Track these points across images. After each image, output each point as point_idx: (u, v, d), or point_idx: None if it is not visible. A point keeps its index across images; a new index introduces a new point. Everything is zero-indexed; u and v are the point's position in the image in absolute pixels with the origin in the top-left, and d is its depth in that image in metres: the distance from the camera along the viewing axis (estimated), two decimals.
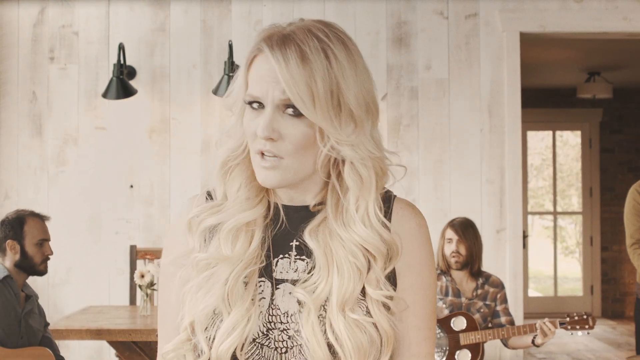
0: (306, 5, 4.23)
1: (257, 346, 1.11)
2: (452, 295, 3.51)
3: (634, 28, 4.22)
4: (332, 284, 1.09)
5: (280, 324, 1.11)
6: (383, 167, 1.14)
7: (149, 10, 4.25)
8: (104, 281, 4.18)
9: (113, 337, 3.15)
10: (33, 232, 3.12)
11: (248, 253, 1.12)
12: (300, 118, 1.07)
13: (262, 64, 1.09)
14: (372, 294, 1.10)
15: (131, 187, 4.21)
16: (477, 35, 4.24)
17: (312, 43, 1.07)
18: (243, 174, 1.16)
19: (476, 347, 3.47)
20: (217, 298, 1.10)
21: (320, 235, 1.12)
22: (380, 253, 1.10)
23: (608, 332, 7.20)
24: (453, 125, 4.23)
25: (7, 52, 4.25)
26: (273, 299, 1.13)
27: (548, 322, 3.37)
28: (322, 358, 1.08)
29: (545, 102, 8.07)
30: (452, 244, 3.55)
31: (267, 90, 1.07)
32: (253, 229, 1.14)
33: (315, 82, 1.05)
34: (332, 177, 1.13)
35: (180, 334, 1.14)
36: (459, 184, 4.22)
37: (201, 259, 1.13)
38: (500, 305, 3.56)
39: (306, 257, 1.13)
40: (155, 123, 4.22)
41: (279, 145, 1.08)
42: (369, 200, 1.11)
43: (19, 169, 4.22)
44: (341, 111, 1.08)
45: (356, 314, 1.08)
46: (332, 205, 1.13)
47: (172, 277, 1.18)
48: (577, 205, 8.83)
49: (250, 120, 1.10)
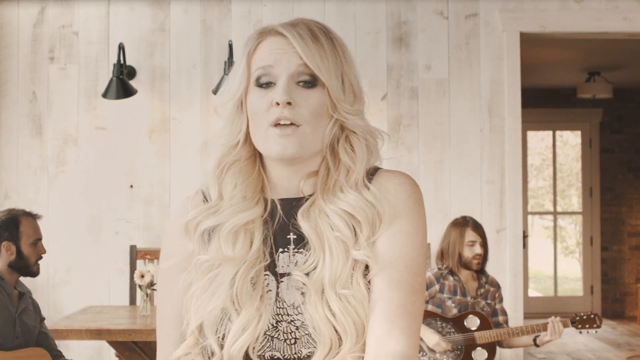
0: (306, 5, 4.23)
1: (268, 339, 1.13)
2: (460, 295, 3.52)
3: (634, 28, 4.22)
4: (326, 264, 1.11)
5: (288, 316, 1.13)
6: (375, 144, 1.20)
7: (149, 10, 4.25)
8: (104, 281, 4.18)
9: (113, 337, 3.15)
10: (28, 232, 3.10)
11: (252, 252, 1.13)
12: (312, 89, 1.14)
13: (270, 43, 1.15)
14: (355, 256, 1.11)
15: (131, 187, 4.21)
16: (477, 35, 4.24)
17: (318, 29, 1.16)
18: (238, 172, 1.17)
19: (492, 345, 3.48)
20: (224, 299, 1.11)
21: (311, 215, 1.14)
22: (366, 217, 1.12)
23: (608, 332, 7.20)
24: (453, 125, 4.23)
25: (7, 52, 4.25)
26: (278, 292, 1.14)
27: (560, 322, 3.39)
28: (328, 336, 1.09)
29: (545, 102, 8.07)
30: (476, 246, 3.50)
31: (282, 61, 1.13)
32: (252, 227, 1.15)
33: (326, 55, 1.14)
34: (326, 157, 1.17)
35: (187, 338, 1.14)
36: (459, 184, 4.22)
37: (204, 261, 1.14)
38: (498, 305, 3.59)
39: (303, 250, 1.15)
40: (155, 123, 4.22)
41: (296, 112, 1.12)
42: (359, 172, 1.16)
43: (19, 169, 4.22)
44: (344, 84, 1.16)
45: (347, 289, 1.10)
46: (322, 183, 1.16)
47: (173, 281, 1.18)
48: (577, 205, 8.82)
49: (260, 97, 1.14)
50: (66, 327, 3.17)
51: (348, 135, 1.17)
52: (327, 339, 1.09)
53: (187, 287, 1.15)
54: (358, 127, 1.17)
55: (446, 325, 3.48)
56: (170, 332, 1.20)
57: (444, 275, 3.53)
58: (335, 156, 1.17)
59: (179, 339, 1.18)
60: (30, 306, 3.10)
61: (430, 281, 3.52)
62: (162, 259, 1.23)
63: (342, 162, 1.16)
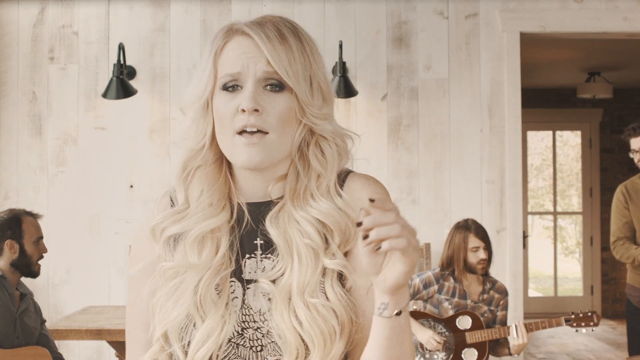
0: (306, 5, 4.23)
1: (233, 346, 1.11)
2: (459, 297, 3.51)
3: (634, 28, 4.22)
4: (294, 271, 1.09)
5: (254, 323, 1.11)
6: (345, 147, 1.17)
7: (149, 10, 4.25)
8: (104, 281, 4.18)
9: (113, 337, 3.15)
10: (30, 231, 3.13)
11: (217, 259, 1.11)
12: (280, 93, 1.11)
13: (236, 44, 1.12)
14: (328, 265, 1.09)
15: (131, 187, 4.21)
16: (477, 35, 4.24)
17: (286, 28, 1.14)
18: (204, 177, 1.15)
19: (482, 345, 3.48)
20: (188, 306, 1.09)
21: (280, 221, 1.12)
22: (338, 225, 1.11)
23: (608, 332, 7.20)
24: (453, 125, 4.23)
25: (7, 52, 4.25)
26: (244, 299, 1.12)
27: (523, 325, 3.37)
28: (294, 345, 1.07)
29: (545, 102, 8.07)
30: (480, 251, 3.48)
31: (248, 65, 1.10)
32: (219, 235, 1.13)
33: (294, 58, 1.11)
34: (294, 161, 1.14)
35: (153, 345, 1.13)
36: (459, 184, 4.22)
37: (168, 268, 1.12)
38: (500, 312, 3.56)
39: (271, 255, 1.13)
40: (155, 123, 4.22)
41: (263, 119, 1.09)
42: (330, 178, 1.13)
43: (18, 169, 4.22)
44: (312, 87, 1.13)
45: (315, 298, 1.08)
46: (291, 188, 1.14)
47: (140, 286, 1.17)
48: (577, 205, 8.82)
49: (226, 102, 1.11)
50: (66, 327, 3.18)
51: (318, 140, 1.14)
52: (294, 348, 1.07)
53: (152, 293, 1.14)
54: (327, 132, 1.14)
55: (438, 325, 3.48)
56: (138, 337, 1.19)
57: (444, 276, 3.52)
58: (304, 161, 1.14)
59: (147, 344, 1.17)
60: (31, 307, 3.11)
61: (429, 281, 3.52)
62: (130, 263, 1.21)
63: (313, 168, 1.13)
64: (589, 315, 3.49)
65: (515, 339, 3.34)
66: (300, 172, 1.14)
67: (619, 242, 3.74)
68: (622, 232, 3.74)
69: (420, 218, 4.20)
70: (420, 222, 4.19)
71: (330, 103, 1.16)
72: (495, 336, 3.46)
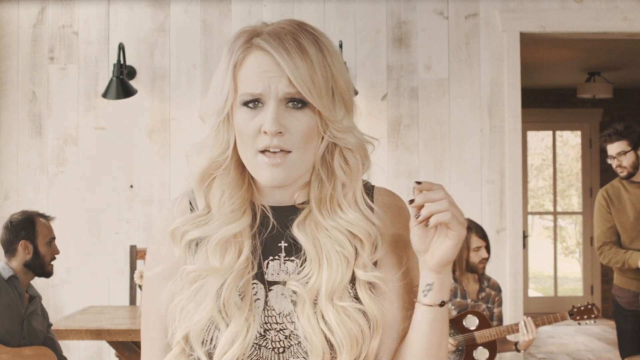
0: (306, 5, 4.23)
1: (255, 347, 1.11)
2: (460, 297, 3.52)
3: (634, 28, 4.22)
4: (322, 275, 1.09)
5: (277, 325, 1.11)
6: (367, 154, 1.16)
7: (149, 10, 4.25)
8: (104, 281, 4.18)
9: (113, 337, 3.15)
10: (44, 232, 3.17)
11: (239, 263, 1.11)
12: (302, 110, 1.09)
13: (257, 61, 1.09)
14: (361, 277, 1.11)
15: (131, 187, 4.21)
16: (477, 35, 4.24)
17: (305, 36, 1.09)
18: (226, 184, 1.14)
19: (492, 344, 3.49)
20: (211, 310, 1.09)
21: (307, 228, 1.12)
22: (368, 236, 1.12)
23: (608, 332, 7.20)
24: (453, 125, 4.23)
25: (7, 52, 4.25)
26: (267, 301, 1.12)
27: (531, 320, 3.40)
28: (320, 347, 1.07)
29: (545, 102, 8.07)
30: (481, 251, 3.51)
31: (270, 85, 1.08)
32: (241, 239, 1.13)
33: (316, 72, 1.08)
34: (317, 168, 1.14)
35: (173, 348, 1.13)
36: (459, 184, 4.22)
37: (190, 271, 1.11)
38: (496, 309, 3.58)
39: (295, 258, 1.13)
40: (155, 123, 4.22)
41: (286, 139, 1.08)
42: (357, 187, 1.14)
43: (19, 169, 4.22)
44: (334, 98, 1.11)
45: (344, 301, 1.09)
46: (315, 198, 1.13)
47: (159, 290, 1.16)
48: (577, 205, 8.82)
49: (248, 120, 1.09)
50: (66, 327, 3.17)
51: (342, 150, 1.14)
52: (320, 350, 1.07)
53: (172, 297, 1.13)
54: (351, 145, 1.13)
55: None
56: (155, 341, 1.18)
57: None
58: (328, 169, 1.14)
59: (165, 348, 1.16)
60: (39, 310, 3.13)
61: None
62: (147, 266, 1.20)
63: (337, 177, 1.13)
64: (589, 307, 3.54)
65: (525, 335, 3.37)
66: (324, 180, 1.14)
67: (606, 247, 3.77)
68: (607, 237, 3.77)
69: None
70: None
71: (352, 111, 1.14)
72: (504, 334, 3.47)
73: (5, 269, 3.05)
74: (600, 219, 3.80)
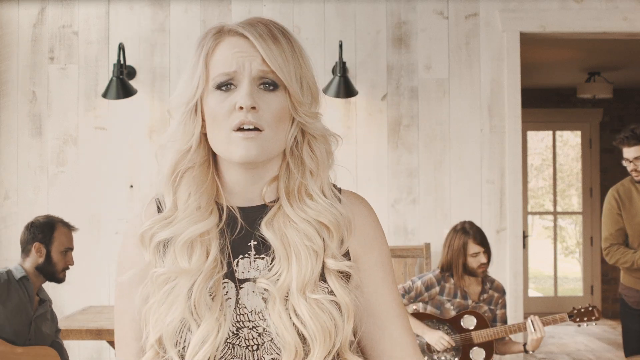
0: (306, 5, 4.23)
1: (229, 346, 1.12)
2: (460, 298, 3.51)
3: (634, 28, 4.22)
4: (292, 271, 1.11)
5: (249, 322, 1.12)
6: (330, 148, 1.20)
7: (149, 10, 4.25)
8: (104, 281, 4.18)
9: (113, 337, 3.15)
10: (61, 239, 3.15)
11: (208, 263, 1.12)
12: (274, 92, 1.13)
13: (230, 44, 1.13)
14: (332, 266, 1.13)
15: (131, 187, 4.21)
16: (477, 35, 4.24)
17: (275, 27, 1.14)
18: (192, 180, 1.15)
19: (489, 344, 3.48)
20: (182, 311, 1.10)
21: (275, 225, 1.14)
22: (337, 224, 1.14)
23: (608, 332, 7.20)
24: (453, 125, 4.23)
25: (7, 52, 4.25)
26: (238, 299, 1.13)
27: (538, 319, 3.40)
28: (293, 343, 1.09)
29: (545, 102, 8.07)
30: (480, 256, 3.50)
31: (244, 64, 1.12)
32: (208, 238, 1.14)
33: (286, 57, 1.12)
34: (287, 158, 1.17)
35: (147, 351, 1.14)
36: (459, 184, 4.22)
37: (160, 274, 1.12)
38: (500, 311, 3.57)
39: (265, 255, 1.14)
40: (155, 123, 4.22)
41: (259, 116, 1.11)
42: (324, 177, 1.17)
43: (19, 169, 4.22)
44: (302, 86, 1.15)
45: (316, 294, 1.11)
46: (285, 188, 1.16)
47: (131, 294, 1.17)
48: (577, 205, 8.83)
49: (221, 101, 1.12)
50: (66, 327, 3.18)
51: (309, 139, 1.17)
52: (292, 346, 1.09)
53: (144, 300, 1.14)
54: (317, 131, 1.17)
55: (442, 326, 3.47)
56: (130, 345, 1.19)
57: (445, 277, 3.52)
58: (296, 159, 1.17)
59: (139, 352, 1.17)
60: (48, 314, 3.12)
61: (430, 283, 3.52)
62: (119, 271, 1.21)
63: (306, 165, 1.16)
64: (590, 310, 3.52)
65: (532, 334, 3.36)
66: (293, 170, 1.16)
67: (613, 247, 3.75)
68: (615, 239, 3.75)
69: (420, 218, 4.20)
70: (420, 222, 4.19)
71: (318, 103, 1.19)
72: (501, 334, 3.46)
73: (18, 270, 3.04)
74: (610, 220, 3.76)
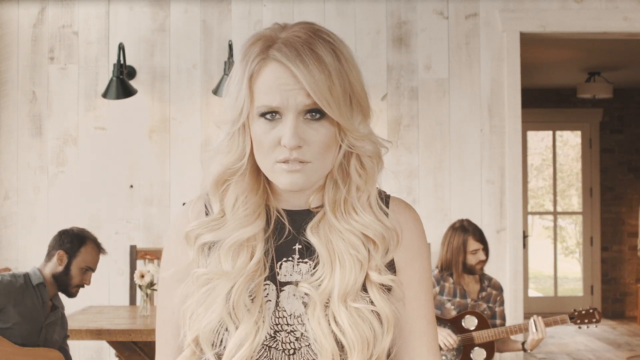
0: (306, 5, 4.23)
1: (265, 349, 1.11)
2: (459, 297, 3.52)
3: (634, 28, 4.22)
4: (335, 277, 1.10)
5: (287, 326, 1.11)
6: (381, 158, 1.17)
7: (149, 10, 4.25)
8: (104, 281, 4.17)
9: (113, 337, 3.15)
10: (86, 257, 3.10)
11: (250, 266, 1.11)
12: (320, 121, 1.08)
13: (273, 73, 1.07)
14: (375, 279, 1.11)
15: (131, 187, 4.21)
16: (477, 35, 4.24)
17: (321, 44, 1.08)
18: (240, 190, 1.14)
19: (490, 345, 3.48)
20: (220, 312, 1.09)
21: (321, 231, 1.13)
22: (381, 238, 1.12)
23: (608, 332, 7.20)
24: (453, 125, 4.23)
25: (7, 52, 4.25)
26: (278, 302, 1.12)
27: (541, 319, 3.40)
28: (330, 350, 1.08)
29: (545, 102, 8.07)
30: (479, 253, 3.52)
31: (288, 98, 1.06)
32: (254, 243, 1.13)
33: (333, 82, 1.07)
34: (333, 172, 1.14)
35: (185, 350, 1.13)
36: (459, 184, 4.22)
37: (201, 274, 1.12)
38: (498, 308, 3.58)
39: (309, 260, 1.13)
40: (155, 123, 4.22)
41: (304, 151, 1.07)
42: (371, 190, 1.14)
43: (19, 169, 4.22)
44: (352, 106, 1.10)
45: (357, 302, 1.09)
46: (330, 200, 1.14)
47: (172, 291, 1.16)
48: (577, 205, 8.83)
49: (266, 132, 1.08)
50: None
51: (359, 155, 1.14)
52: (329, 353, 1.08)
53: (184, 299, 1.13)
54: (368, 152, 1.13)
55: (444, 326, 3.48)
56: (168, 342, 1.19)
57: (444, 277, 3.53)
58: (343, 172, 1.14)
59: (177, 349, 1.17)
60: (59, 321, 3.09)
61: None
62: (162, 267, 1.21)
63: (352, 181, 1.13)
64: (590, 312, 3.53)
65: (534, 334, 3.37)
66: (339, 183, 1.14)
67: None
68: None
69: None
70: None
71: (369, 115, 1.14)
72: (503, 335, 3.47)
73: (36, 274, 3.00)
74: None
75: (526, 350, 3.48)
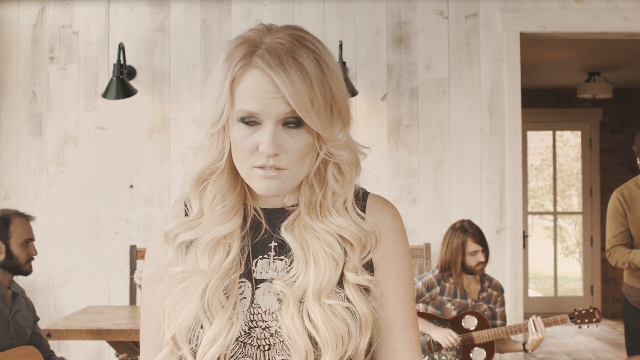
0: (306, 5, 4.23)
1: (240, 345, 1.12)
2: (460, 297, 3.52)
3: (634, 28, 4.22)
4: (310, 275, 1.11)
5: (262, 322, 1.13)
6: (359, 163, 1.18)
7: (149, 10, 4.25)
8: (104, 281, 4.18)
9: (113, 337, 3.15)
10: (18, 232, 3.07)
11: (226, 263, 1.13)
12: (298, 129, 1.09)
13: (255, 79, 1.07)
14: (352, 279, 1.12)
15: (131, 187, 4.21)
16: (477, 35, 4.24)
17: (305, 53, 1.08)
18: (218, 188, 1.16)
19: (490, 345, 3.48)
20: (195, 310, 1.11)
21: (295, 230, 1.14)
22: (358, 240, 1.13)
23: (608, 332, 7.20)
24: (453, 125, 4.23)
25: (7, 52, 4.25)
26: (254, 299, 1.14)
27: (540, 319, 3.40)
28: (303, 347, 1.09)
29: (545, 102, 8.07)
30: (478, 254, 3.52)
31: (268, 106, 1.07)
32: (230, 241, 1.15)
33: (315, 93, 1.08)
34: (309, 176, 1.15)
35: (164, 348, 1.15)
36: (459, 184, 4.22)
37: (177, 272, 1.14)
38: (499, 308, 3.58)
39: (284, 257, 1.15)
40: (155, 123, 4.22)
41: (281, 158, 1.09)
42: (348, 195, 1.15)
43: (19, 169, 4.22)
44: (332, 115, 1.12)
45: (331, 299, 1.10)
46: (305, 202, 1.15)
47: (152, 290, 1.19)
48: (577, 205, 8.82)
49: (245, 137, 1.10)
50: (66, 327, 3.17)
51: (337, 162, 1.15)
52: (302, 349, 1.09)
53: (163, 297, 1.15)
54: (345, 160, 1.14)
55: (444, 326, 3.48)
56: (150, 339, 1.21)
57: (444, 277, 3.53)
58: (321, 178, 1.15)
59: (158, 346, 1.19)
60: (24, 306, 3.07)
61: (431, 283, 3.52)
62: (144, 266, 1.24)
63: (329, 186, 1.15)
64: (591, 311, 3.53)
65: (534, 334, 3.37)
66: (315, 187, 1.15)
67: (614, 249, 3.75)
68: (617, 241, 3.74)
69: (420, 218, 4.20)
70: (420, 222, 4.19)
71: (349, 123, 1.15)
72: (503, 335, 3.47)
73: None
74: (614, 222, 3.75)
75: (527, 351, 3.48)
